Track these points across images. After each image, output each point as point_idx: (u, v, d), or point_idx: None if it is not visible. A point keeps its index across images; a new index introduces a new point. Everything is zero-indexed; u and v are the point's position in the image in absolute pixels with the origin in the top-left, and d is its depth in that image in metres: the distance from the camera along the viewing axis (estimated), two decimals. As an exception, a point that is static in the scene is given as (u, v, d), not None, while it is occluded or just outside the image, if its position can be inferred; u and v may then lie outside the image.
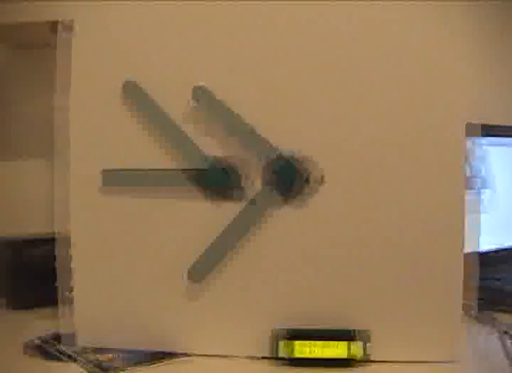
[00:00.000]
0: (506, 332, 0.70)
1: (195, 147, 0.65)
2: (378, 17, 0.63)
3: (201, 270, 0.65)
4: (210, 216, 0.65)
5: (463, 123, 0.63)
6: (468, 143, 0.64)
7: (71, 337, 0.68)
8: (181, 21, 0.65)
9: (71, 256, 0.67)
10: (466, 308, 0.66)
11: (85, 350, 0.66)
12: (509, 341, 0.68)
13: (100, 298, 0.68)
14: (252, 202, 0.65)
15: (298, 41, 0.64)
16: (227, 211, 0.65)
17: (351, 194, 0.64)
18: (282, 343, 0.63)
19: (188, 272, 0.65)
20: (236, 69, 0.65)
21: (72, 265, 0.67)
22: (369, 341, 0.62)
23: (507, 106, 0.67)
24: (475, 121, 0.65)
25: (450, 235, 0.63)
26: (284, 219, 0.65)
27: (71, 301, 0.68)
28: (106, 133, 0.67)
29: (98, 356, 0.65)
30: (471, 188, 0.69)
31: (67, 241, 0.68)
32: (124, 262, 0.67)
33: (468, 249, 0.64)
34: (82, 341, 0.67)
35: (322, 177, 0.64)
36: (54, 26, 0.65)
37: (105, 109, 0.67)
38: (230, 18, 0.65)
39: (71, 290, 0.68)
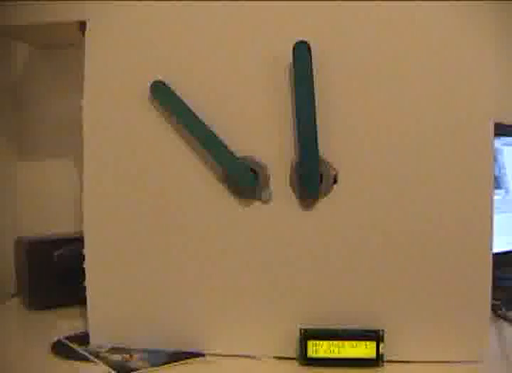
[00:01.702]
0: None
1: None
2: (405, 17, 0.63)
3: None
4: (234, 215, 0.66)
5: (491, 121, 0.63)
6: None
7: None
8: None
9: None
10: (494, 307, 0.66)
11: (107, 350, 0.67)
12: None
13: (115, 298, 0.68)
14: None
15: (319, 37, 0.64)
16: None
17: (374, 193, 0.64)
18: (310, 343, 0.63)
19: None
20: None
21: (85, 265, 0.68)
22: (382, 341, 0.62)
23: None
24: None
25: (478, 234, 0.63)
26: (305, 220, 0.65)
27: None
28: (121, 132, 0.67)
29: (118, 355, 0.65)
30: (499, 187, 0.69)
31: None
32: (139, 261, 0.67)
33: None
34: (95, 340, 0.68)
35: (335, 176, 0.64)
36: (82, 25, 0.65)
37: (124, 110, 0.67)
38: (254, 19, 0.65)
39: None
